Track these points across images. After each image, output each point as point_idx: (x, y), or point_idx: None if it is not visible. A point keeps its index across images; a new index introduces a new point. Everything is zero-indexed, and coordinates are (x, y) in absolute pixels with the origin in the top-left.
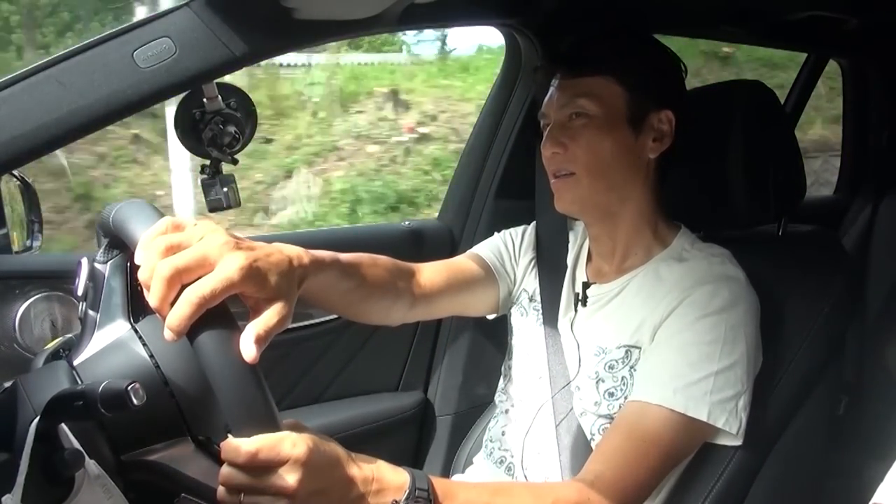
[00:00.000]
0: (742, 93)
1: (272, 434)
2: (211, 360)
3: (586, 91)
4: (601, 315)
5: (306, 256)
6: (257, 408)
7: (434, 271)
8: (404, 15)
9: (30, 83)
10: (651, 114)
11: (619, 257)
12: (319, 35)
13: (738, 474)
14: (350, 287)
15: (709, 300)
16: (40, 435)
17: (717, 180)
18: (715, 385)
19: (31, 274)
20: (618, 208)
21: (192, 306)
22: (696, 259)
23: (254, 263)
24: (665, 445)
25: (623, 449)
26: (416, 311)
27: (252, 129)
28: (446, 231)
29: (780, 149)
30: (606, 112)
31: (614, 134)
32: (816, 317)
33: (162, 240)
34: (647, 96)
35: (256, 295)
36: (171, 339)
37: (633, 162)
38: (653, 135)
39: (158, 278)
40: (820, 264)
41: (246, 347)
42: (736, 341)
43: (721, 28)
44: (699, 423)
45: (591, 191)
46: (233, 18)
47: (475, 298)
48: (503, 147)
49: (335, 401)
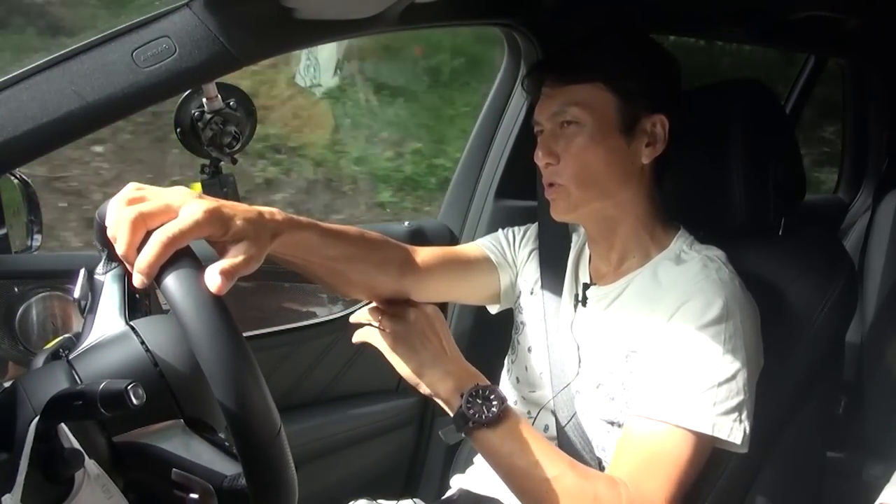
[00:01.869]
0: (742, 93)
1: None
2: (177, 296)
3: (576, 100)
4: (600, 318)
5: (279, 214)
6: (223, 337)
7: (428, 252)
8: (404, 15)
9: (30, 83)
10: (643, 119)
11: (616, 259)
12: (319, 35)
13: (739, 474)
14: (333, 255)
15: (705, 309)
16: (40, 435)
17: (716, 180)
18: (718, 397)
19: (31, 274)
20: (613, 213)
21: (160, 246)
22: (694, 261)
23: (219, 208)
24: (676, 459)
25: (640, 469)
26: (406, 286)
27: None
28: (447, 231)
29: (780, 149)
30: (597, 120)
31: (606, 143)
32: (816, 317)
33: (126, 193)
34: (639, 102)
35: (222, 238)
36: (140, 283)
37: (627, 168)
38: (646, 139)
39: (123, 222)
40: (820, 264)
41: (210, 278)
42: (735, 350)
43: (720, 28)
44: (705, 436)
45: (583, 200)
46: (233, 18)
47: (474, 285)
48: (503, 147)
49: (335, 401)
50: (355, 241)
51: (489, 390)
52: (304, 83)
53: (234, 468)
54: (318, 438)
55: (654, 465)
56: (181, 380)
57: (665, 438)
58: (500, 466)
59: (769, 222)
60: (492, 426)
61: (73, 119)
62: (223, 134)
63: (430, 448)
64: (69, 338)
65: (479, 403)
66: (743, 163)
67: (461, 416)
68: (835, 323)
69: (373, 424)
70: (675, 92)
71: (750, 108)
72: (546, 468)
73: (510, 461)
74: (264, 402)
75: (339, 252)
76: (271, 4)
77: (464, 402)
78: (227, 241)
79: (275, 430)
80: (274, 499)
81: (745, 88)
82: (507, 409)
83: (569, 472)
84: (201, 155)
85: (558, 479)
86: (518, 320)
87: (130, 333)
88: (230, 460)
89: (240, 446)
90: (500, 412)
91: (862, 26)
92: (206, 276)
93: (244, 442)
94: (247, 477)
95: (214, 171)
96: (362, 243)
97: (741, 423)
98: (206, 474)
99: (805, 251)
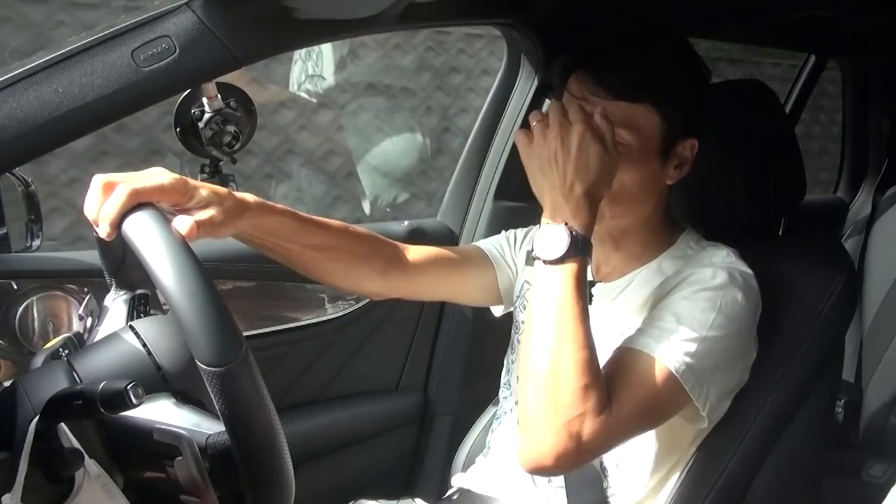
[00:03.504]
0: (742, 92)
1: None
2: (138, 237)
3: (626, 121)
4: (606, 312)
5: (251, 197)
6: (187, 274)
7: (421, 250)
8: (404, 14)
9: (29, 83)
10: (679, 143)
11: (622, 261)
12: (319, 35)
13: (739, 473)
14: (313, 243)
15: (707, 279)
16: (40, 434)
17: (717, 180)
18: (697, 350)
19: (31, 274)
20: (629, 223)
21: (123, 196)
22: (701, 253)
23: (185, 178)
24: (642, 378)
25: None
26: (393, 282)
27: (252, 128)
28: (446, 231)
29: (780, 149)
30: (641, 143)
31: (645, 167)
32: (816, 317)
33: (97, 181)
34: (680, 126)
35: (187, 205)
36: (105, 233)
37: (654, 188)
38: (676, 162)
39: (93, 189)
40: (820, 264)
41: (180, 223)
42: (728, 320)
43: (721, 28)
44: (672, 377)
45: (609, 216)
46: (233, 18)
47: (469, 283)
48: (503, 147)
49: (334, 400)
50: (337, 233)
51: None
52: None
53: (219, 427)
54: (318, 438)
55: (623, 379)
56: (181, 379)
57: (637, 360)
58: (558, 307)
59: (769, 222)
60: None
61: (73, 119)
62: (223, 133)
63: (430, 448)
64: (69, 338)
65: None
66: (744, 163)
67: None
68: (835, 323)
69: (373, 424)
70: (707, 115)
71: (750, 108)
72: (583, 333)
73: (571, 303)
74: (229, 323)
75: (318, 241)
76: (271, 4)
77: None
78: (192, 207)
79: (241, 352)
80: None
81: (745, 88)
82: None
83: (593, 353)
84: (201, 154)
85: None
86: (518, 320)
87: (130, 333)
88: (216, 420)
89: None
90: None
91: (862, 26)
92: (174, 222)
93: (210, 370)
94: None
95: (214, 171)
96: (345, 235)
97: (706, 389)
98: (190, 432)
99: (805, 251)
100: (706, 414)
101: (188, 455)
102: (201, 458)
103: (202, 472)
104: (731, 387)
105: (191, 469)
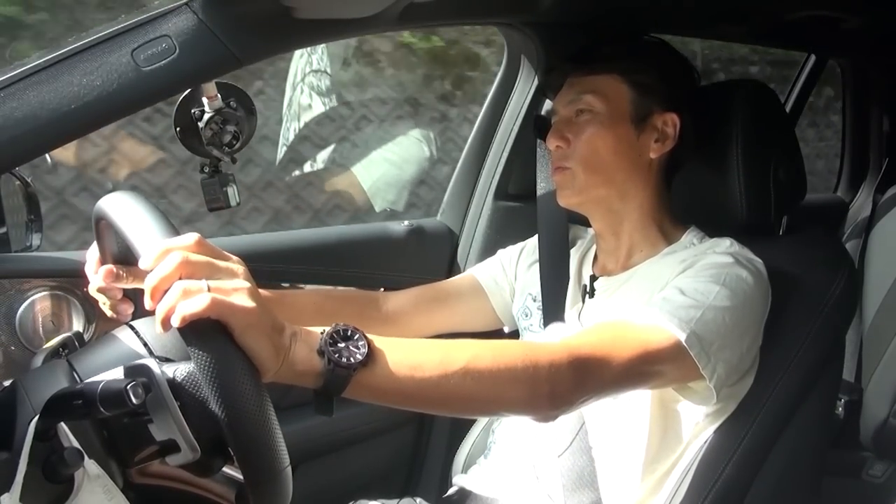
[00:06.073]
0: (742, 92)
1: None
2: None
3: (593, 88)
4: (609, 303)
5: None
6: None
7: (400, 294)
8: (404, 14)
9: (29, 83)
10: (655, 114)
11: (624, 254)
12: (319, 35)
13: (739, 473)
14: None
15: (713, 260)
16: (39, 434)
17: (717, 180)
18: (703, 318)
19: (31, 273)
20: (619, 205)
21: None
22: (705, 244)
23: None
24: (643, 344)
25: (602, 334)
26: (375, 332)
27: (252, 128)
28: (446, 230)
29: (781, 148)
30: (610, 109)
31: (616, 130)
32: (816, 317)
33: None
34: (653, 97)
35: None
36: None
37: (634, 160)
38: (655, 135)
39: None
40: (820, 264)
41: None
42: (735, 292)
43: (720, 28)
44: (675, 342)
45: (588, 184)
46: (233, 18)
47: (460, 313)
48: (503, 146)
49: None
50: (312, 306)
51: (342, 329)
52: None
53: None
54: (318, 438)
55: (621, 340)
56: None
57: (637, 327)
58: (408, 395)
59: (770, 222)
60: (370, 363)
61: (73, 119)
62: (223, 133)
63: (430, 448)
64: (69, 337)
65: (343, 347)
66: (744, 162)
67: (335, 370)
68: (835, 323)
69: (373, 424)
70: (689, 94)
71: (750, 108)
72: (454, 360)
73: (414, 381)
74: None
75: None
76: (271, 4)
77: (328, 355)
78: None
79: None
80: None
81: (745, 88)
82: (369, 337)
83: (481, 351)
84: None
85: (477, 360)
86: (521, 326)
87: (130, 333)
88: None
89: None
90: (368, 342)
91: (862, 26)
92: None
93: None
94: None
95: (214, 171)
96: (321, 307)
97: (713, 360)
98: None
99: (805, 250)
100: (714, 385)
101: (158, 388)
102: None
103: (172, 405)
104: (739, 364)
105: (163, 403)
